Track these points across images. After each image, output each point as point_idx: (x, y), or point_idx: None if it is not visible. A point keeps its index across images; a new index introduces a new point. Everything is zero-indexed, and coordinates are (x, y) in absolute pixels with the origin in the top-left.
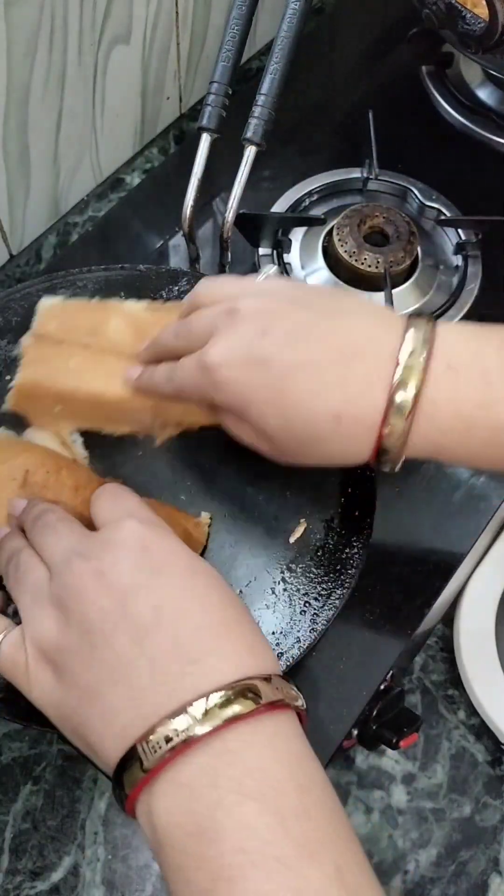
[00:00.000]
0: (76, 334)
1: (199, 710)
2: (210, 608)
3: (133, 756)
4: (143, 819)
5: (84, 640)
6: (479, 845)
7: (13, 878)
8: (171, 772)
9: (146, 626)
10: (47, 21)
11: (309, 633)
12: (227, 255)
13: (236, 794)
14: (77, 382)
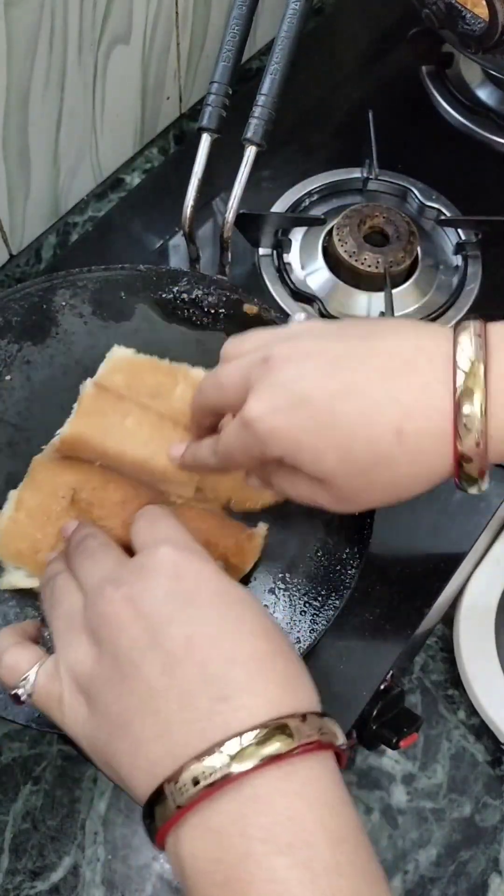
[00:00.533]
0: (139, 393)
1: (230, 751)
2: (243, 640)
3: (160, 796)
4: (172, 860)
5: (115, 670)
6: (479, 845)
7: (13, 878)
8: (198, 816)
9: (177, 656)
10: (47, 21)
11: (309, 633)
12: (227, 255)
13: (265, 845)
14: (125, 446)
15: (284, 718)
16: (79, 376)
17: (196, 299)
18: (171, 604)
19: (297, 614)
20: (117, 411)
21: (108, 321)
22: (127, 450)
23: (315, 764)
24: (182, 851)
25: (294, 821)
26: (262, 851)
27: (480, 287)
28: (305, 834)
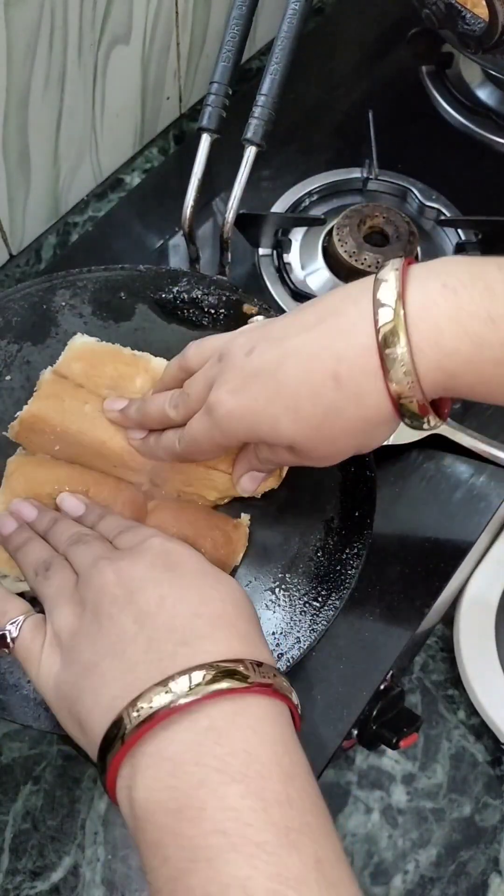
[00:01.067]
0: (98, 382)
1: (185, 684)
2: (211, 601)
3: (118, 730)
4: (122, 795)
5: (93, 623)
6: (479, 845)
7: (13, 878)
8: (154, 744)
9: (149, 611)
10: (47, 21)
11: (309, 633)
12: (227, 255)
13: (220, 774)
14: (84, 426)
15: (240, 661)
16: None
17: (196, 299)
18: (152, 571)
19: (297, 614)
20: (76, 398)
21: (108, 321)
22: (86, 430)
23: (269, 706)
24: (135, 782)
25: (249, 753)
26: (217, 780)
27: None
28: (259, 766)
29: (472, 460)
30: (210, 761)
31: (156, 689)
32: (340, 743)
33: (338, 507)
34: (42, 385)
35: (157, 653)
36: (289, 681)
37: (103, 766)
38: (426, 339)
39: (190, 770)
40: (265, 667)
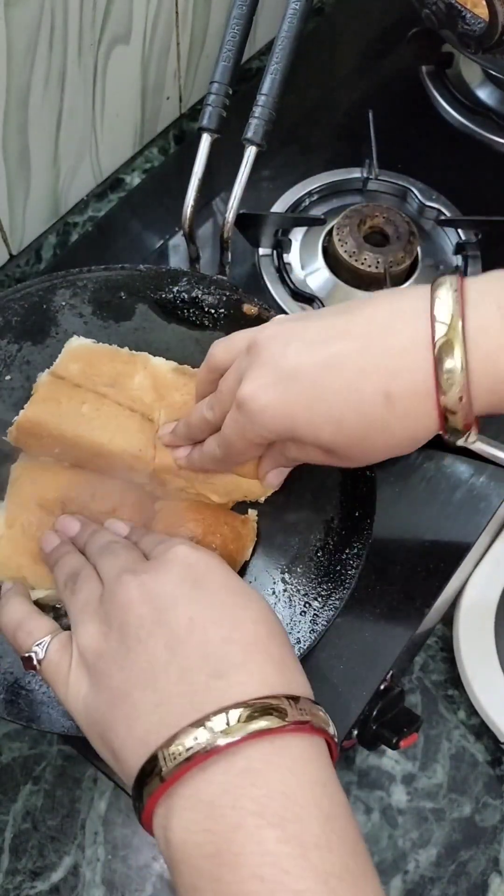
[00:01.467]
0: (96, 381)
1: (221, 723)
2: (242, 624)
3: (153, 767)
4: (158, 833)
5: (121, 644)
6: (479, 845)
7: (13, 878)
8: (191, 787)
9: (179, 634)
10: (47, 21)
11: (309, 633)
12: (227, 255)
13: (257, 817)
14: (81, 429)
15: (276, 697)
16: None
17: (196, 299)
18: (180, 587)
19: (297, 614)
20: (73, 398)
21: (108, 321)
22: (83, 434)
23: (308, 745)
24: (172, 823)
25: (286, 795)
26: (254, 824)
27: None
28: (297, 808)
29: (472, 460)
30: (247, 804)
31: (191, 730)
32: (340, 743)
33: (338, 507)
34: (38, 388)
35: (191, 684)
36: (324, 711)
37: (139, 800)
38: (482, 361)
39: (227, 813)
40: (302, 701)
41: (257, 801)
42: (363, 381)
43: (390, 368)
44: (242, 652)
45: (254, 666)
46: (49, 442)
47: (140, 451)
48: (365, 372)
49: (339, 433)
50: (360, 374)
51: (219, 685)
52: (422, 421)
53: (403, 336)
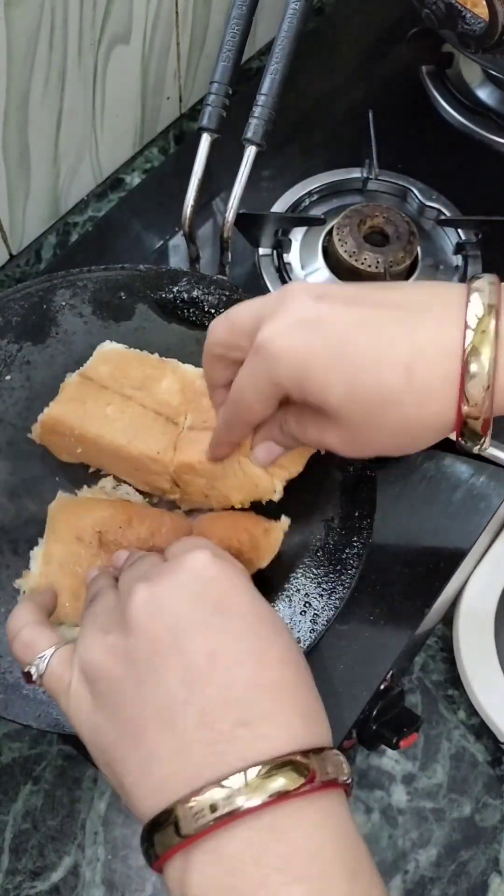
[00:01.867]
0: (123, 384)
1: (241, 781)
2: (269, 664)
3: (169, 817)
4: (172, 884)
5: (130, 671)
6: (479, 845)
7: (13, 878)
8: (212, 842)
9: (199, 670)
10: (47, 21)
11: (309, 633)
12: (227, 255)
13: (282, 874)
14: (104, 430)
15: (305, 753)
16: None
17: (196, 299)
18: (199, 608)
19: (297, 614)
20: (99, 399)
21: (108, 321)
22: (105, 434)
23: (331, 799)
24: (190, 878)
25: (311, 852)
26: (279, 881)
27: None
28: (323, 865)
29: (472, 460)
30: (272, 860)
31: (215, 789)
32: (340, 743)
33: (338, 507)
34: (65, 388)
35: (212, 731)
36: (340, 754)
37: (151, 845)
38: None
39: (250, 870)
40: (326, 754)
41: (282, 858)
42: (389, 347)
43: (418, 343)
44: (270, 699)
45: (281, 718)
46: (70, 441)
47: (159, 453)
48: (393, 339)
49: (349, 395)
50: (388, 340)
51: (244, 735)
52: (436, 406)
53: (437, 316)
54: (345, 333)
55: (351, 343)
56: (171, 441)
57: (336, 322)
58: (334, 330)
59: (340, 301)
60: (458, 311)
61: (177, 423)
